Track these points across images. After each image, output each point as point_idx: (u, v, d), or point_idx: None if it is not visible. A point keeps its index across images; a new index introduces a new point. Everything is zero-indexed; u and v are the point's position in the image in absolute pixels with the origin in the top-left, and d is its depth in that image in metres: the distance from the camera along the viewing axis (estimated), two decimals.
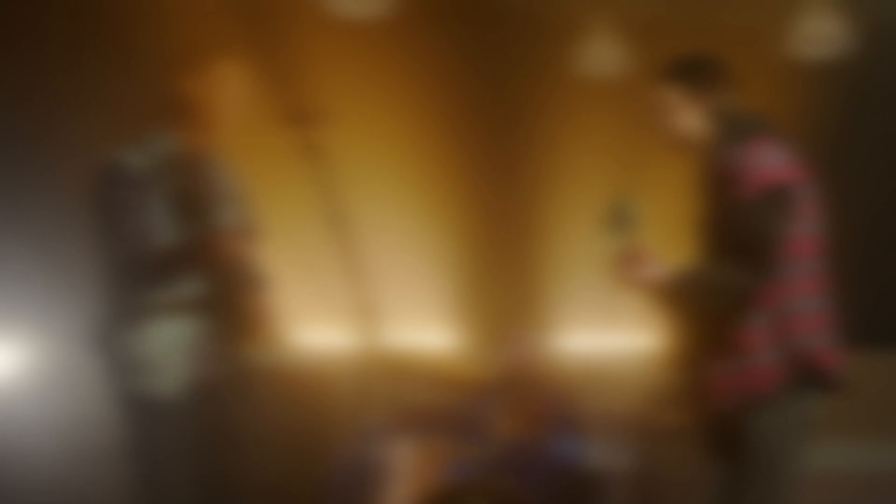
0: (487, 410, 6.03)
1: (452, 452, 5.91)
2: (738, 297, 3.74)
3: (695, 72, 4.05)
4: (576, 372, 6.43)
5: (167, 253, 3.87)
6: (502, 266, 6.85)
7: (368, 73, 6.23)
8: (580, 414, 6.08)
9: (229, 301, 4.04)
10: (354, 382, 5.71)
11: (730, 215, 3.81)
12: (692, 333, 3.92)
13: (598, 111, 6.47)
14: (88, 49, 5.68)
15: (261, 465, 5.83)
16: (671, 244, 6.62)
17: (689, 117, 4.02)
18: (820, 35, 6.34)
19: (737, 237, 3.75)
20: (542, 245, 6.79)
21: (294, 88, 3.90)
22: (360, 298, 3.96)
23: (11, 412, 5.60)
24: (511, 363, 6.23)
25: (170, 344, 3.96)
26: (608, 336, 6.71)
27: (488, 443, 5.92)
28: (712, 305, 3.81)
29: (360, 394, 5.71)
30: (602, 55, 6.51)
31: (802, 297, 3.78)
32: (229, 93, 4.00)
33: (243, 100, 4.04)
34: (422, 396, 6.27)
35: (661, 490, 5.97)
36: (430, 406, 6.23)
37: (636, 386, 6.36)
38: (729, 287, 3.75)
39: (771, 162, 3.79)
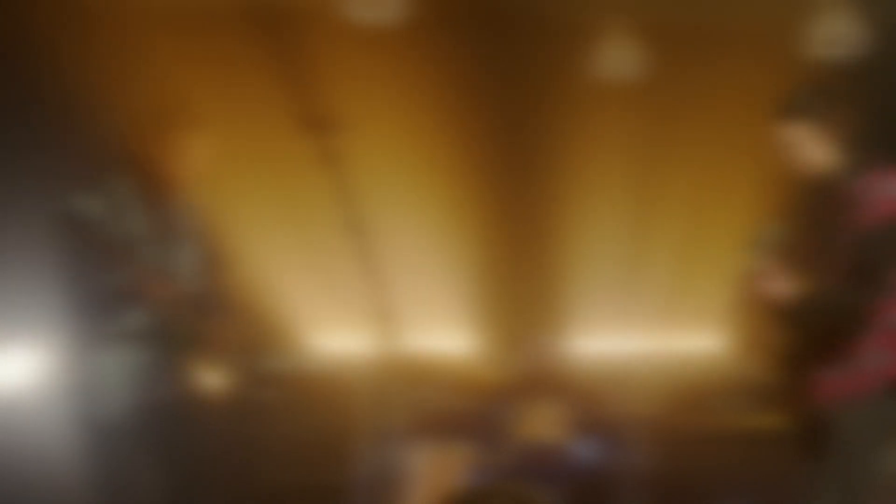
0: (506, 414, 6.04)
1: (472, 456, 5.91)
2: (851, 313, 3.79)
3: (820, 106, 3.95)
4: (594, 375, 6.43)
5: (110, 290, 4.02)
6: (520, 270, 6.85)
7: (384, 79, 6.24)
8: (599, 417, 6.08)
9: (180, 328, 4.14)
10: (373, 387, 5.72)
11: (846, 238, 3.81)
12: (800, 340, 3.94)
13: (613, 114, 6.47)
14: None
15: (280, 470, 5.86)
16: (687, 239, 6.65)
17: (818, 150, 3.94)
18: (835, 37, 6.32)
19: (855, 260, 3.77)
20: (560, 248, 6.78)
21: (310, 95, 3.91)
22: (378, 303, 3.97)
23: (22, 417, 5.63)
24: (529, 367, 6.23)
25: (124, 369, 4.08)
26: (626, 339, 6.70)
27: (508, 446, 5.92)
28: (829, 320, 3.84)
29: (379, 398, 5.72)
30: (616, 58, 6.51)
31: None
32: (191, 156, 4.16)
33: (205, 162, 4.20)
34: (441, 401, 6.27)
35: (681, 492, 5.96)
36: (449, 410, 6.23)
37: (655, 388, 6.35)
38: (844, 305, 3.79)
39: (893, 193, 3.79)
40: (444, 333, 6.76)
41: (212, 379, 4.20)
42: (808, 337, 3.90)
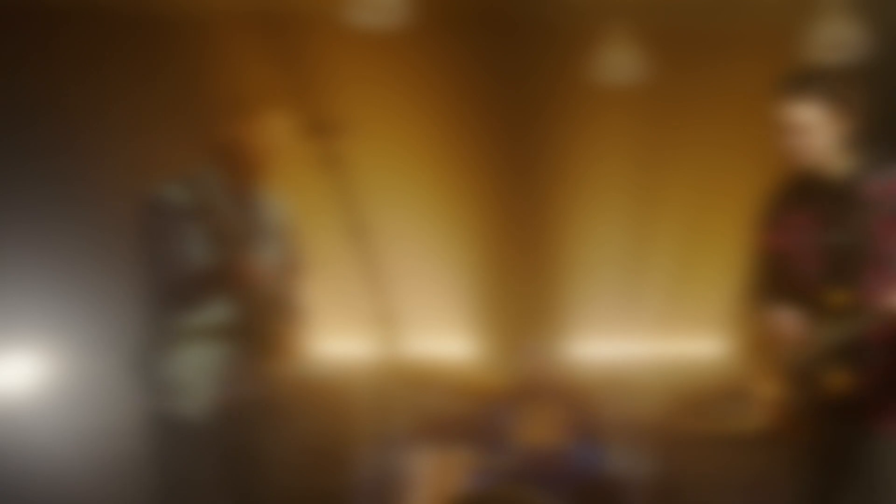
0: (507, 419, 6.04)
1: (473, 461, 5.91)
2: None
3: (831, 83, 3.51)
4: (595, 379, 6.43)
5: (197, 278, 4.00)
6: (521, 274, 6.85)
7: (387, 82, 6.25)
8: (600, 421, 6.08)
9: (258, 327, 4.13)
10: (375, 392, 5.72)
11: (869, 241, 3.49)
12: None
13: (615, 119, 6.48)
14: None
15: (283, 476, 5.85)
16: (689, 243, 6.65)
17: (825, 138, 3.50)
18: (837, 41, 6.32)
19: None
20: (561, 253, 6.79)
21: (313, 99, 3.92)
22: (380, 308, 3.97)
23: (37, 421, 5.65)
24: (531, 371, 6.23)
25: (198, 366, 4.07)
26: (627, 343, 6.70)
27: (509, 451, 5.92)
28: None
29: (380, 403, 5.71)
30: (618, 62, 6.51)
31: None
32: (273, 140, 4.15)
33: (286, 146, 4.17)
34: (442, 405, 6.28)
35: (681, 496, 5.96)
36: (450, 415, 6.24)
37: (656, 393, 6.36)
38: None
39: None
40: (445, 338, 6.76)
41: (278, 381, 4.20)
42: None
